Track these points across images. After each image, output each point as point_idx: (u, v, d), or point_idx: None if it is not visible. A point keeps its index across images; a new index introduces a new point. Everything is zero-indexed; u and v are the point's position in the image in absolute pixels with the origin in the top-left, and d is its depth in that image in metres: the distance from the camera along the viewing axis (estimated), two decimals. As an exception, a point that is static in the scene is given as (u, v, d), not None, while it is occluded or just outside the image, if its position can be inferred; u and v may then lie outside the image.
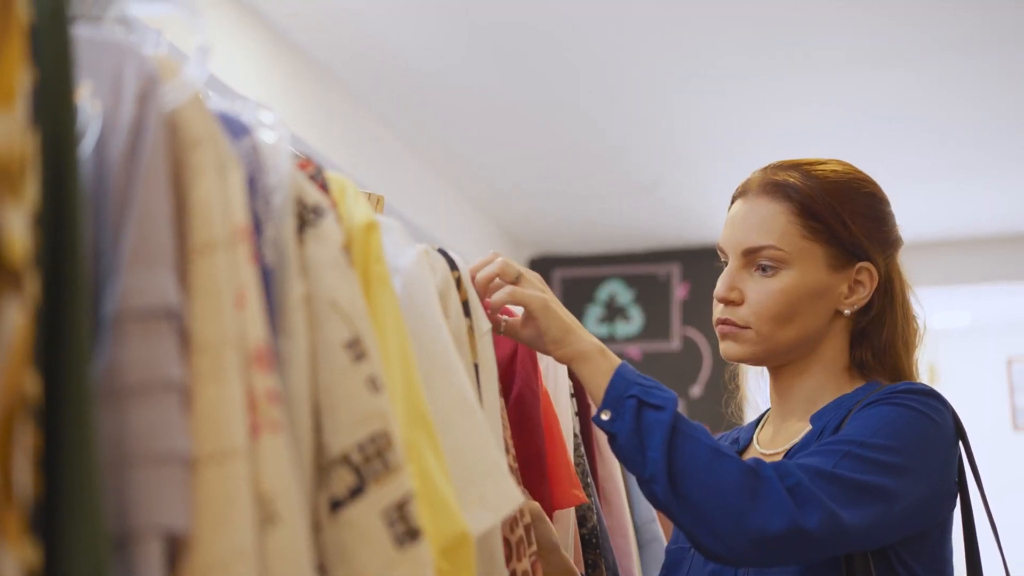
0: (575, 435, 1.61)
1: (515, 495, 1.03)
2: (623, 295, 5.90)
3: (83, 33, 0.78)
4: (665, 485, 1.16)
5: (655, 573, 1.74)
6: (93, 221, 0.73)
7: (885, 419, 1.23)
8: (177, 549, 0.70)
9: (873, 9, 3.27)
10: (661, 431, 1.17)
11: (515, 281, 1.28)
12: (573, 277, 5.98)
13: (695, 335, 5.72)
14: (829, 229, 1.33)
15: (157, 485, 0.68)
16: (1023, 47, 3.53)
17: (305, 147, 3.39)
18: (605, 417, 1.21)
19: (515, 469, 1.27)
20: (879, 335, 1.36)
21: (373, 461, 0.84)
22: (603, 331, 5.82)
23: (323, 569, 0.83)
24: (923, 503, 1.23)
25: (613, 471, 1.77)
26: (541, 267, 5.90)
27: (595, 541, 1.52)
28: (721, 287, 1.35)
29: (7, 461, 0.60)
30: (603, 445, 1.74)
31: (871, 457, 1.19)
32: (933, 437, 1.24)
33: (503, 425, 1.25)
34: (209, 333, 0.74)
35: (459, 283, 1.20)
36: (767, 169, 1.39)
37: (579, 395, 1.69)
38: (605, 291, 5.93)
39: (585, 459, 1.61)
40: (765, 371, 1.44)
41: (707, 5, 3.26)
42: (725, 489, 1.15)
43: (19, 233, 0.62)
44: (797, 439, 1.33)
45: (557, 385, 1.61)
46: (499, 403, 1.24)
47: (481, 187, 4.98)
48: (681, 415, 1.20)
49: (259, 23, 3.31)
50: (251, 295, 0.78)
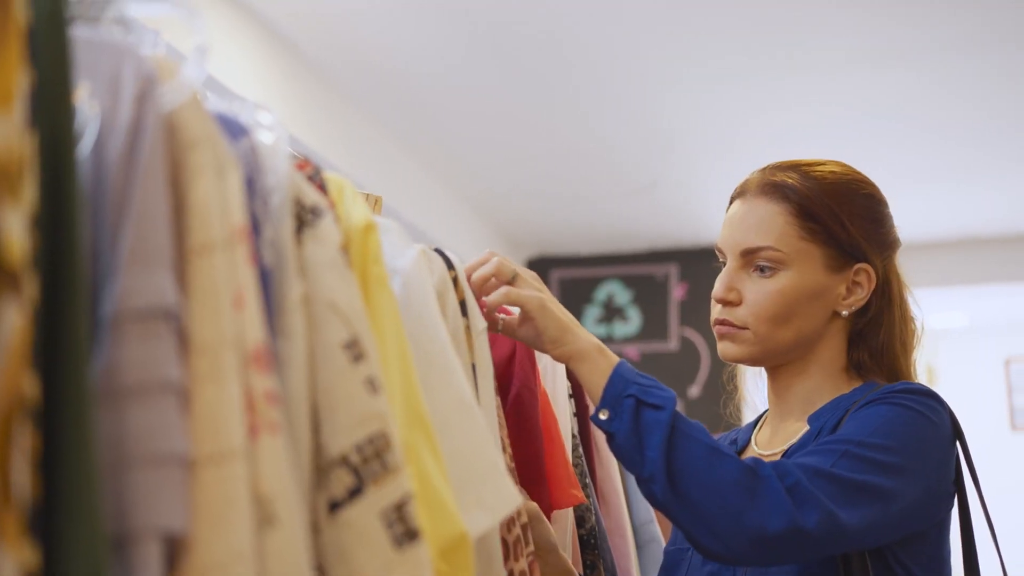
0: (573, 436, 1.61)
1: (513, 496, 1.03)
2: (621, 296, 5.90)
3: (81, 34, 0.78)
4: (664, 484, 1.16)
5: (653, 574, 1.74)
6: (91, 222, 0.73)
7: (883, 419, 1.23)
8: (175, 550, 0.69)
9: (873, 9, 3.27)
10: (660, 430, 1.17)
11: (511, 281, 1.27)
12: (571, 278, 5.98)
13: (693, 335, 5.73)
14: (827, 230, 1.33)
15: (155, 486, 0.68)
16: (1023, 47, 3.53)
17: (302, 148, 3.39)
18: (603, 416, 1.21)
19: (512, 469, 1.27)
20: (877, 336, 1.36)
21: (372, 462, 0.84)
22: (601, 332, 5.82)
23: (322, 570, 0.83)
24: (921, 503, 1.23)
25: (611, 472, 1.77)
26: (539, 268, 5.90)
27: (593, 542, 1.52)
28: (719, 288, 1.35)
29: (6, 462, 0.60)
30: (601, 446, 1.74)
31: (869, 457, 1.19)
32: (931, 437, 1.24)
33: (500, 424, 1.25)
34: (207, 334, 0.74)
35: (456, 282, 1.20)
36: (765, 170, 1.39)
37: (577, 396, 1.69)
38: (603, 292, 5.93)
39: (583, 460, 1.61)
40: (763, 372, 1.44)
41: (705, 5, 3.26)
42: (724, 488, 1.15)
43: (17, 234, 0.62)
44: (795, 439, 1.33)
45: (555, 385, 1.61)
46: (495, 402, 1.24)
47: (479, 188, 4.98)
48: (680, 414, 1.20)
49: (257, 24, 3.30)
50: (249, 296, 0.78)
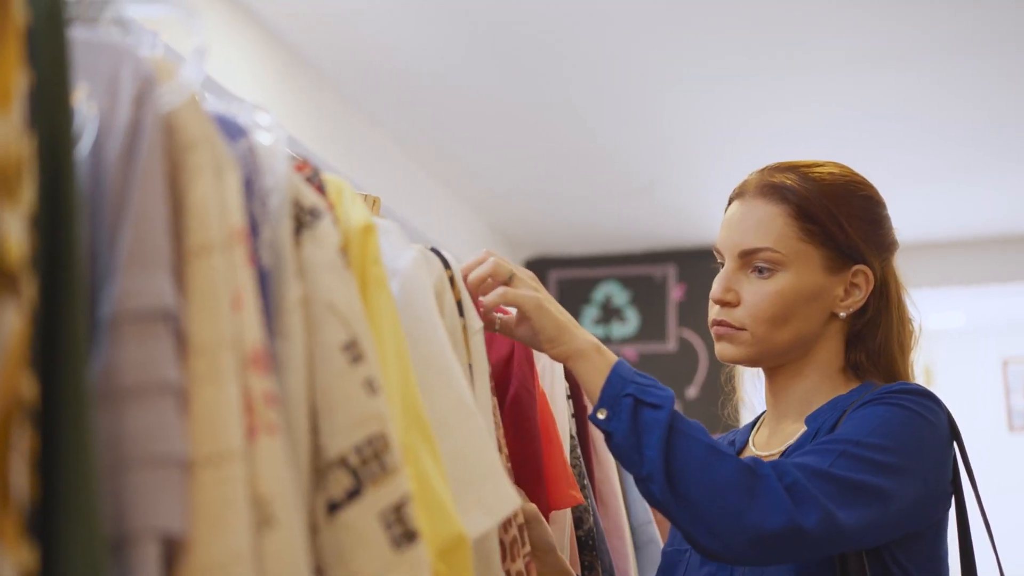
0: (571, 436, 1.61)
1: (512, 498, 1.03)
2: (619, 296, 5.90)
3: (79, 35, 0.78)
4: (662, 484, 1.16)
5: (651, 575, 1.74)
6: (89, 223, 0.73)
7: (880, 419, 1.23)
8: (174, 552, 0.69)
9: (872, 9, 3.26)
10: (658, 430, 1.17)
11: (508, 281, 1.27)
12: (569, 278, 5.98)
13: (691, 336, 5.73)
14: (826, 232, 1.33)
15: (154, 487, 0.68)
16: (1022, 48, 3.53)
17: (301, 149, 3.39)
18: (601, 415, 1.21)
19: (509, 469, 1.27)
20: (874, 337, 1.36)
21: (370, 463, 0.84)
22: (599, 332, 5.82)
23: (320, 571, 0.83)
24: (918, 503, 1.23)
25: (609, 473, 1.77)
26: (537, 268, 5.90)
27: (591, 543, 1.52)
28: (717, 288, 1.35)
29: (4, 464, 0.60)
30: (599, 446, 1.74)
31: (866, 456, 1.19)
32: (928, 437, 1.25)
33: (496, 424, 1.25)
34: (206, 335, 0.74)
35: (452, 282, 1.20)
36: (764, 171, 1.39)
37: (576, 396, 1.69)
38: (601, 292, 5.93)
39: (581, 461, 1.61)
40: (761, 373, 1.44)
41: (705, 5, 3.26)
42: (723, 487, 1.14)
43: (15, 235, 0.62)
44: (792, 440, 1.34)
45: (554, 386, 1.61)
46: (492, 403, 1.24)
47: (477, 189, 4.98)
48: (678, 413, 1.20)
49: (255, 24, 3.30)
50: (248, 297, 0.78)
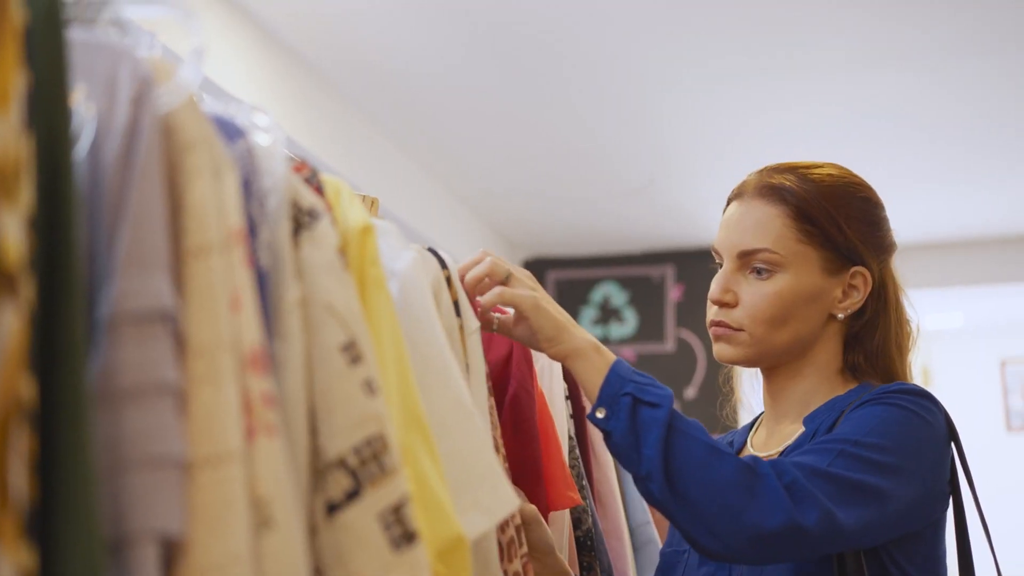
0: (570, 437, 1.61)
1: (511, 499, 1.03)
2: (617, 297, 5.91)
3: (77, 36, 0.78)
4: (661, 483, 1.16)
5: (650, 575, 1.74)
6: (88, 224, 0.73)
7: (878, 418, 1.23)
8: (172, 553, 0.69)
9: (872, 10, 3.26)
10: (657, 429, 1.17)
11: (505, 281, 1.27)
12: (567, 279, 5.98)
13: (689, 337, 5.73)
14: (824, 233, 1.33)
15: (152, 489, 0.68)
16: (1022, 48, 3.53)
17: (299, 149, 3.39)
18: (600, 415, 1.21)
19: (506, 470, 1.27)
20: (872, 339, 1.36)
21: (369, 464, 0.84)
22: (597, 333, 5.82)
23: (319, 572, 0.83)
24: (916, 503, 1.23)
25: (608, 473, 1.77)
26: (535, 269, 5.90)
27: (590, 544, 1.52)
28: (715, 289, 1.35)
29: (3, 465, 0.60)
30: (598, 447, 1.74)
31: (865, 456, 1.19)
32: (926, 437, 1.25)
33: (493, 424, 1.25)
34: (204, 336, 0.74)
35: (449, 282, 1.20)
36: (763, 171, 1.39)
37: (574, 397, 1.68)
38: (599, 293, 5.93)
39: (580, 461, 1.61)
40: (759, 374, 1.44)
41: (704, 5, 3.26)
42: (722, 486, 1.14)
43: (13, 236, 0.62)
44: (790, 441, 1.34)
45: (552, 387, 1.61)
46: (488, 403, 1.24)
47: (475, 189, 4.98)
48: (677, 412, 1.19)
49: (253, 25, 3.30)
50: (246, 298, 0.78)
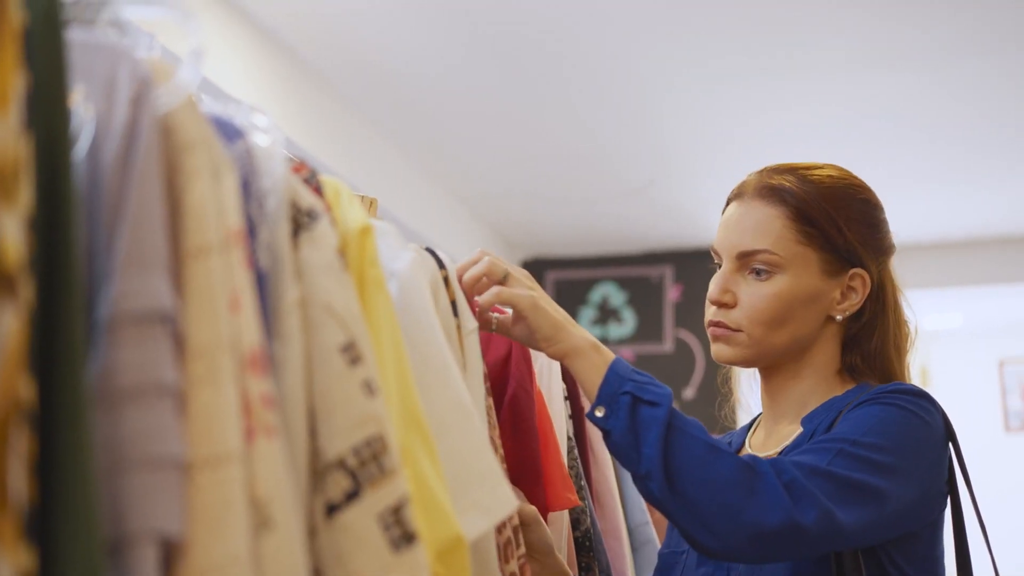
0: (569, 438, 1.61)
1: (510, 499, 1.03)
2: (616, 297, 5.91)
3: (76, 37, 0.78)
4: (661, 482, 1.15)
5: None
6: (87, 225, 0.73)
7: (876, 418, 1.23)
8: (172, 554, 0.69)
9: (872, 10, 3.26)
10: (656, 427, 1.17)
11: (503, 280, 1.26)
12: (566, 279, 5.98)
13: (688, 337, 5.73)
14: (824, 235, 1.33)
15: (152, 490, 0.68)
16: (1022, 49, 3.53)
17: (297, 150, 3.39)
18: (599, 414, 1.21)
19: (504, 470, 1.26)
20: (870, 341, 1.36)
21: (369, 465, 0.84)
22: (596, 333, 5.82)
23: (319, 573, 0.82)
24: (914, 503, 1.23)
25: (607, 473, 1.77)
26: (534, 269, 5.91)
27: (588, 544, 1.52)
28: (714, 289, 1.35)
29: (2, 466, 0.60)
30: (597, 448, 1.74)
31: (863, 456, 1.19)
32: (923, 437, 1.25)
33: (491, 425, 1.25)
34: (203, 337, 0.74)
35: (447, 282, 1.20)
36: (763, 172, 1.39)
37: (573, 397, 1.68)
38: (598, 293, 5.94)
39: (579, 462, 1.61)
40: (757, 374, 1.44)
41: (704, 5, 3.26)
42: (721, 484, 1.14)
43: (13, 237, 0.62)
44: (788, 442, 1.34)
45: (551, 387, 1.61)
46: (486, 403, 1.24)
47: (474, 190, 4.98)
48: (676, 411, 1.19)
49: (252, 26, 3.30)
50: (245, 299, 0.78)
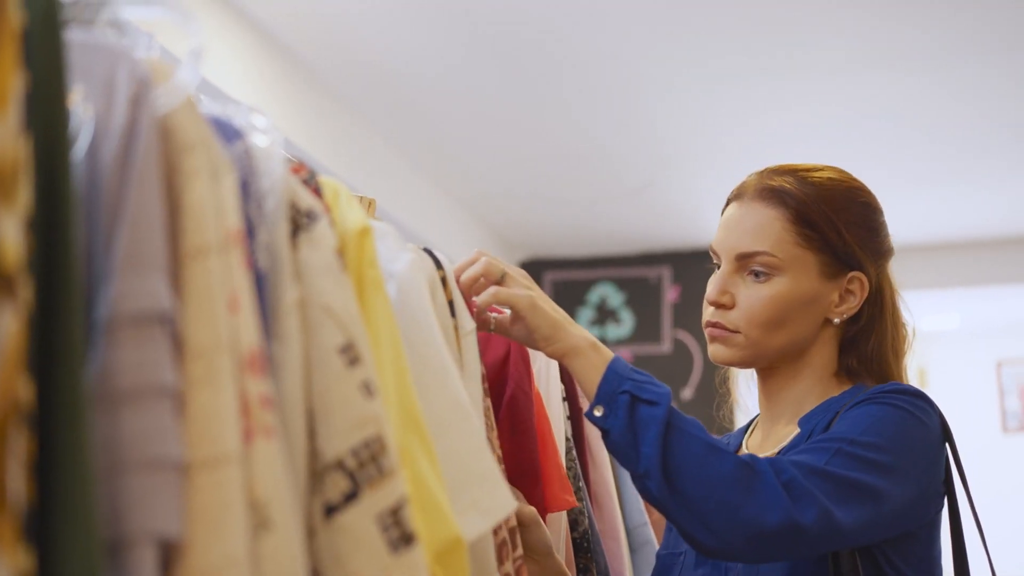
0: (567, 438, 1.61)
1: (508, 500, 1.03)
2: (614, 298, 5.91)
3: (75, 37, 0.78)
4: (660, 481, 1.15)
5: (647, 577, 1.74)
6: (86, 225, 0.73)
7: (873, 418, 1.23)
8: (170, 555, 0.69)
9: (873, 10, 3.26)
10: (655, 426, 1.17)
11: (500, 280, 1.26)
12: (564, 280, 5.98)
13: (686, 338, 5.73)
14: (823, 237, 1.33)
15: (150, 491, 0.68)
16: (1022, 50, 3.53)
17: (296, 151, 3.39)
18: (598, 412, 1.20)
19: (501, 471, 1.26)
20: (867, 343, 1.36)
21: (367, 466, 0.84)
22: (594, 334, 5.75)
23: (317, 574, 0.82)
24: (911, 503, 1.23)
25: (605, 475, 1.77)
26: (532, 270, 5.90)
27: (587, 545, 1.52)
28: (712, 290, 1.35)
29: (1, 467, 0.60)
30: (595, 449, 1.74)
31: (861, 455, 1.19)
32: (921, 437, 1.25)
33: (489, 426, 1.25)
34: (202, 338, 0.74)
35: (444, 283, 1.20)
36: (763, 173, 1.38)
37: (571, 398, 1.68)
38: (596, 294, 5.94)
39: (577, 463, 1.61)
40: (755, 375, 1.44)
41: (704, 6, 3.26)
42: (720, 483, 1.14)
43: (11, 238, 0.62)
44: (786, 443, 1.34)
45: (549, 388, 1.61)
46: (484, 404, 1.23)
47: (472, 191, 4.98)
48: (675, 410, 1.19)
49: (251, 27, 3.30)
50: (244, 300, 0.78)
